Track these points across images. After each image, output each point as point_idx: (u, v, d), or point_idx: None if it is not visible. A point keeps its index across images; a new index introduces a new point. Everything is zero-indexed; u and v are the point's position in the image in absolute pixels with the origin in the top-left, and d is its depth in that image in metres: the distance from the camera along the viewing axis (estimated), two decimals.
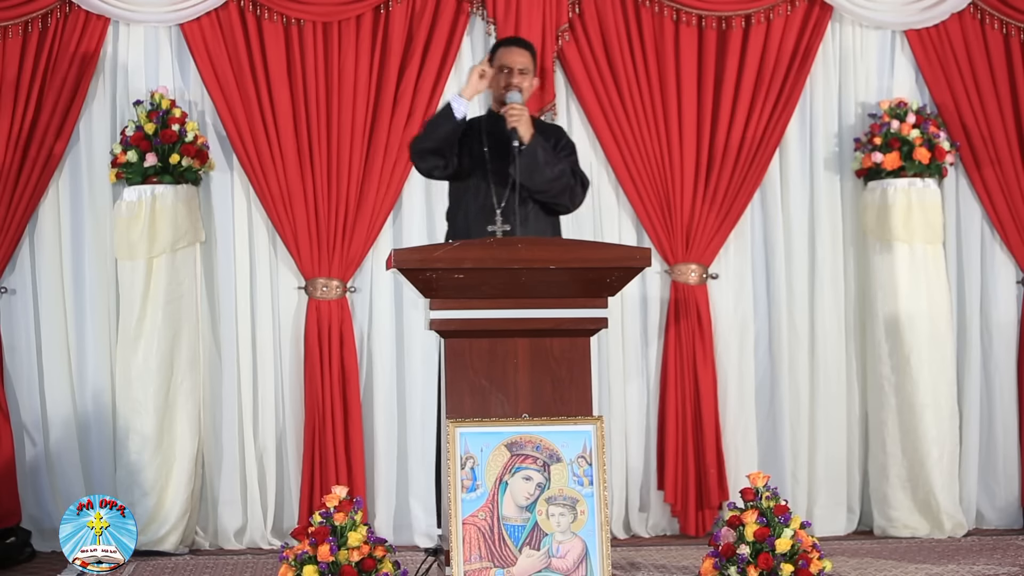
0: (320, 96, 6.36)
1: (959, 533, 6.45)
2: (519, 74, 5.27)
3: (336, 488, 4.63)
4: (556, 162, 5.18)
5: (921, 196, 6.48)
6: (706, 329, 6.49)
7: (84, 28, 6.27)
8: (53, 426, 6.30)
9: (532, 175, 5.09)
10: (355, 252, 6.37)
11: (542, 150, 5.12)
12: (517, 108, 5.07)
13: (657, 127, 6.52)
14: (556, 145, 5.30)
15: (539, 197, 5.21)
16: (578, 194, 5.30)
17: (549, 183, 5.16)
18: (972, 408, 6.70)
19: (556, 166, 5.17)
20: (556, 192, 5.21)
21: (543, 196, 5.21)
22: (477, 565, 4.40)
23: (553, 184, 5.17)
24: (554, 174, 5.16)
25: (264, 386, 6.39)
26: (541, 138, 5.15)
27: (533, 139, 5.08)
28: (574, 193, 5.28)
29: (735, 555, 4.67)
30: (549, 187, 5.17)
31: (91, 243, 6.34)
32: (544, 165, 5.11)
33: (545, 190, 5.18)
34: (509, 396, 4.54)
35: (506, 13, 6.42)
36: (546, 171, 5.13)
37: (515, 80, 5.24)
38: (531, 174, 5.09)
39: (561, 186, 5.20)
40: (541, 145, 5.12)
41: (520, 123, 5.04)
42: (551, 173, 5.15)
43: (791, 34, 6.62)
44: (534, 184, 5.12)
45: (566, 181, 5.21)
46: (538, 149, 5.09)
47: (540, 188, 5.16)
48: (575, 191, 5.27)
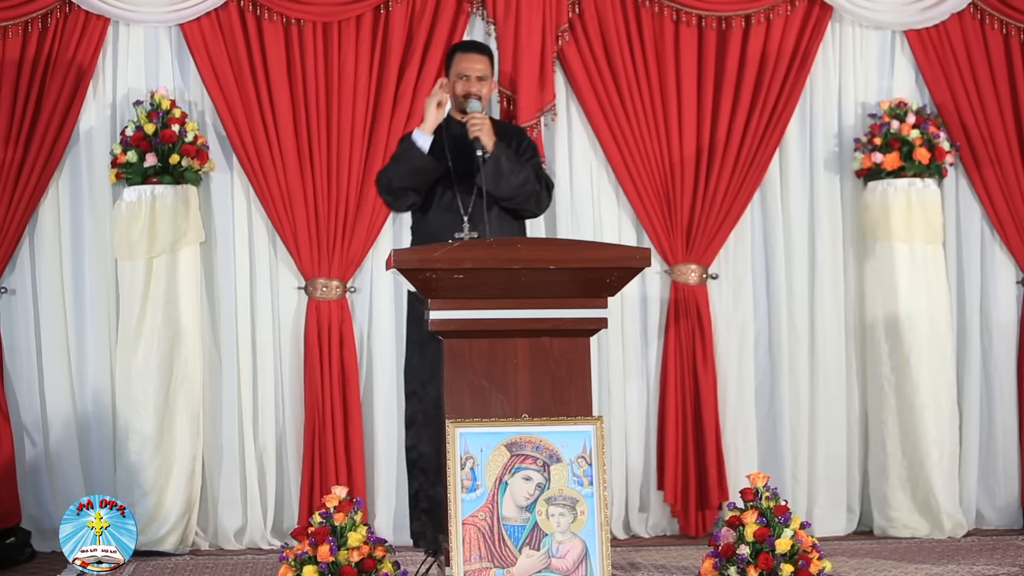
0: (320, 96, 6.36)
1: (959, 533, 6.45)
2: (478, 81, 5.28)
3: (336, 488, 4.63)
4: (520, 169, 5.20)
5: (921, 196, 6.48)
6: (706, 329, 6.49)
7: (84, 28, 6.27)
8: (53, 426, 6.30)
9: (497, 183, 5.11)
10: (355, 252, 6.37)
11: (506, 158, 5.13)
12: (478, 117, 5.08)
13: (657, 127, 6.52)
14: (518, 148, 5.31)
15: (505, 204, 5.23)
16: (543, 199, 5.32)
17: (515, 190, 5.17)
18: (972, 408, 6.70)
19: (521, 173, 5.18)
20: (522, 199, 5.23)
21: (509, 203, 5.23)
22: (477, 565, 4.41)
23: (519, 191, 5.19)
24: (519, 181, 5.17)
25: (264, 386, 6.39)
26: (504, 145, 5.17)
27: (496, 147, 5.10)
28: (539, 198, 5.30)
29: (735, 555, 4.67)
30: (515, 194, 5.18)
31: (91, 243, 6.34)
32: (509, 173, 5.13)
33: (511, 197, 5.19)
34: (509, 396, 4.55)
35: (506, 13, 6.42)
36: (511, 179, 5.14)
37: (474, 88, 5.26)
38: (496, 182, 5.10)
39: (527, 192, 5.22)
40: (504, 153, 5.14)
41: (482, 132, 5.05)
42: (516, 180, 5.16)
43: (791, 34, 6.62)
44: (500, 192, 5.14)
45: (531, 187, 5.23)
46: (502, 157, 5.11)
47: (506, 196, 5.17)
48: (540, 196, 5.29)
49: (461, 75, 5.31)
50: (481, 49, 5.45)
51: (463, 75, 5.31)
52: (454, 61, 5.37)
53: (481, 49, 5.45)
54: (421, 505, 5.22)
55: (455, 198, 5.22)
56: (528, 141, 5.45)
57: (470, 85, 5.28)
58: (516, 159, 5.23)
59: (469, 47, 5.47)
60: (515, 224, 5.35)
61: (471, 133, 5.06)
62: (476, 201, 5.14)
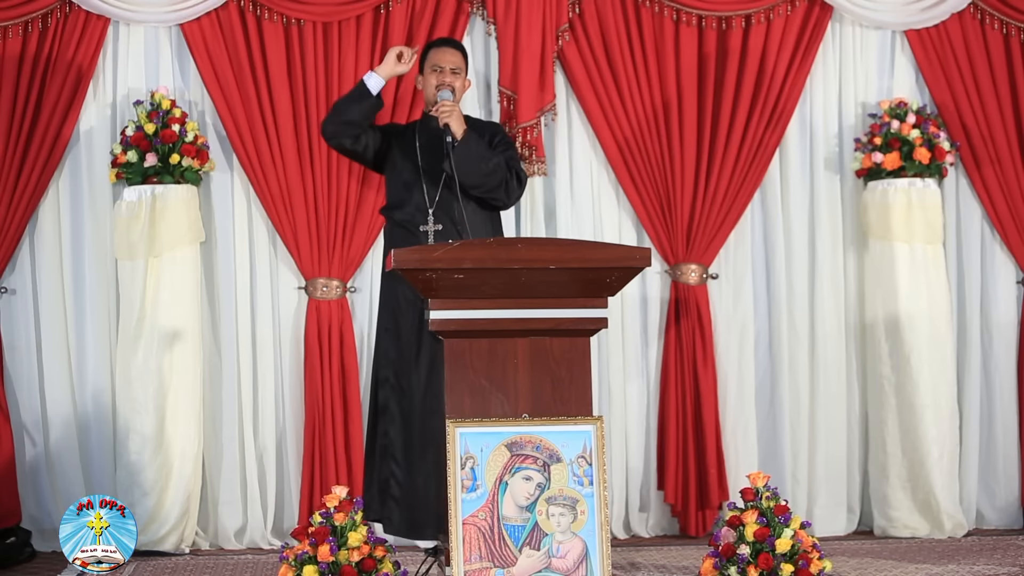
0: (320, 96, 6.36)
1: (959, 533, 6.45)
2: (451, 73, 5.29)
3: (336, 488, 4.63)
4: (490, 156, 5.18)
5: (921, 196, 6.48)
6: (706, 329, 6.49)
7: (84, 28, 6.28)
8: (53, 426, 6.30)
9: (465, 170, 5.09)
10: (355, 252, 6.37)
11: (475, 145, 5.12)
12: (448, 104, 5.09)
13: (657, 127, 6.53)
14: (492, 140, 5.29)
15: (474, 192, 5.19)
16: (513, 188, 5.28)
17: (483, 177, 5.15)
18: (972, 408, 6.70)
19: (490, 160, 5.17)
20: (491, 187, 5.20)
21: (478, 191, 5.19)
22: (477, 565, 4.41)
23: (488, 179, 5.16)
24: (488, 168, 5.15)
25: (264, 386, 6.39)
26: (475, 134, 5.16)
27: (466, 134, 5.09)
28: (509, 187, 5.25)
29: (735, 555, 4.67)
30: (483, 181, 5.16)
31: (91, 243, 6.34)
32: (477, 159, 5.11)
33: (479, 184, 5.17)
34: (509, 396, 4.54)
35: (506, 13, 6.43)
36: (480, 165, 5.12)
37: (447, 79, 5.26)
38: (464, 169, 5.09)
39: (496, 180, 5.19)
40: (474, 140, 5.13)
41: (451, 118, 5.06)
42: (485, 168, 5.14)
43: (791, 34, 6.62)
44: (468, 179, 5.12)
45: (501, 175, 5.20)
46: (471, 144, 5.10)
47: (474, 183, 5.15)
48: (510, 185, 5.25)
49: (435, 67, 5.31)
50: (455, 44, 5.46)
51: (436, 67, 5.31)
52: (428, 56, 5.37)
53: (455, 44, 5.46)
54: (392, 492, 5.16)
55: (422, 191, 5.22)
56: (503, 135, 5.42)
57: (444, 76, 5.28)
58: (486, 147, 5.21)
59: (443, 42, 5.48)
60: (486, 216, 5.30)
61: (440, 120, 5.07)
62: (443, 193, 5.14)
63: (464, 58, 5.39)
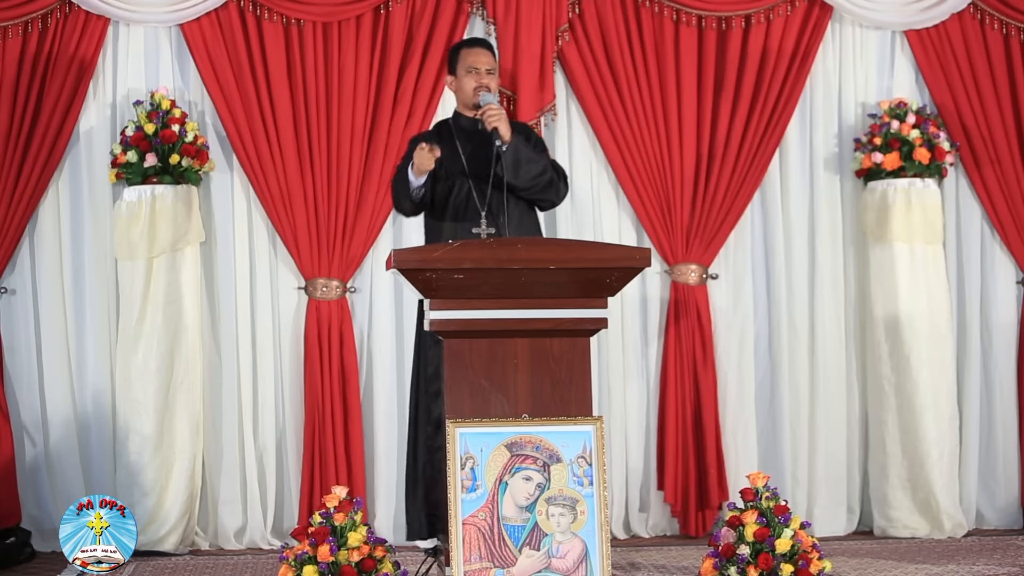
0: (320, 96, 6.36)
1: (959, 533, 6.45)
2: (487, 74, 5.30)
3: (336, 488, 4.63)
4: (538, 159, 5.21)
5: (921, 196, 6.48)
6: (706, 329, 6.49)
7: (84, 28, 6.27)
8: (53, 426, 6.30)
9: (517, 173, 5.11)
10: (355, 252, 6.37)
11: (523, 148, 5.14)
12: (495, 108, 5.09)
13: (657, 127, 6.53)
14: (529, 141, 5.31)
15: (524, 195, 5.21)
16: (561, 189, 5.33)
17: (533, 180, 5.17)
18: (972, 408, 6.70)
19: (538, 163, 5.20)
20: (540, 188, 5.22)
21: (528, 193, 5.21)
22: (477, 565, 4.41)
23: (537, 180, 5.19)
24: (537, 170, 5.18)
25: (264, 386, 6.39)
26: (521, 136, 5.17)
27: (514, 138, 5.10)
28: (557, 188, 5.30)
29: (735, 555, 4.67)
30: (534, 183, 5.19)
31: (91, 243, 6.34)
32: (527, 163, 5.13)
33: (530, 187, 5.19)
34: (509, 396, 4.55)
35: (506, 13, 6.42)
36: (530, 168, 5.14)
37: (485, 80, 5.27)
38: (516, 172, 5.10)
39: (545, 182, 5.22)
40: (522, 143, 5.14)
41: (500, 122, 5.06)
42: (535, 170, 5.17)
43: (791, 34, 6.62)
44: (519, 182, 5.13)
45: (549, 176, 5.24)
46: (520, 147, 5.11)
47: (525, 186, 5.17)
48: (558, 186, 5.30)
49: (470, 69, 5.30)
50: (486, 44, 5.46)
51: (472, 68, 5.30)
52: (460, 57, 5.36)
53: (486, 44, 5.46)
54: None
55: (471, 192, 5.21)
56: (536, 136, 5.46)
57: (481, 78, 5.28)
58: (532, 149, 5.23)
59: (474, 43, 5.47)
60: (533, 217, 5.34)
61: (489, 124, 5.05)
62: (493, 196, 5.14)
63: (495, 57, 5.40)
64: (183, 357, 6.14)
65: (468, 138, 5.26)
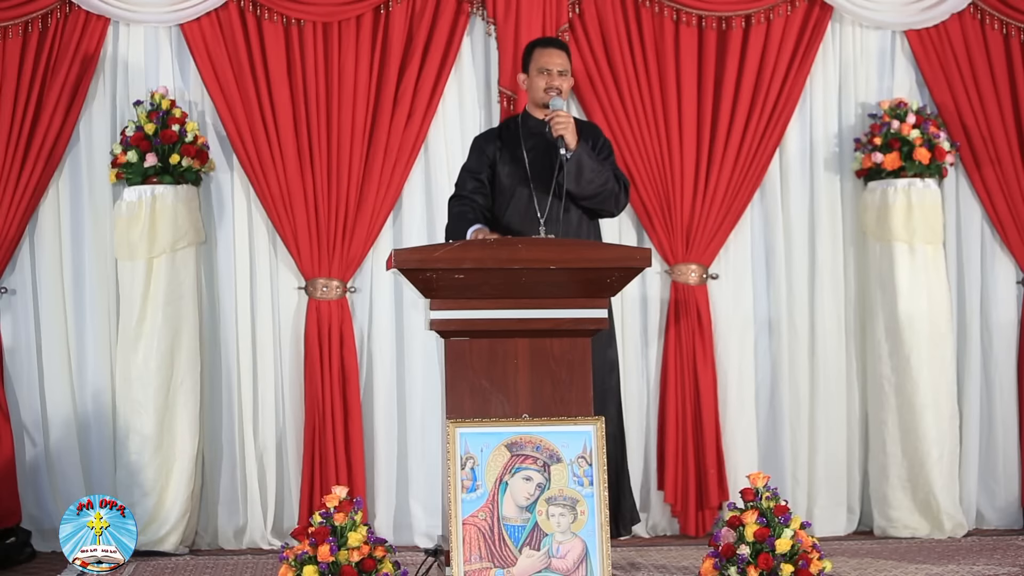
0: (320, 96, 6.36)
1: (959, 533, 6.45)
2: (559, 76, 5.25)
3: (336, 488, 4.63)
4: (601, 169, 5.15)
5: (921, 196, 6.48)
6: (706, 329, 6.49)
7: (84, 28, 6.27)
8: (53, 426, 6.30)
9: (579, 183, 5.06)
10: (355, 252, 6.37)
11: (588, 157, 5.08)
12: (563, 115, 5.02)
13: (657, 127, 6.53)
14: (595, 146, 5.27)
15: (585, 204, 5.18)
16: (622, 199, 5.28)
17: (596, 189, 5.13)
18: (972, 408, 6.70)
19: (602, 173, 5.14)
20: (602, 198, 5.19)
21: (589, 203, 5.18)
22: (477, 565, 4.41)
23: (600, 190, 5.15)
24: (601, 181, 5.13)
25: (264, 386, 6.39)
26: (585, 144, 5.11)
27: (579, 146, 5.04)
28: (619, 199, 5.26)
29: (735, 555, 4.67)
30: (596, 193, 5.14)
31: (91, 243, 6.34)
32: (591, 173, 5.08)
33: (591, 196, 5.15)
34: (509, 396, 4.55)
35: (506, 13, 6.42)
36: (593, 179, 5.09)
37: (556, 82, 5.22)
38: (578, 182, 5.06)
39: (607, 193, 5.18)
40: (587, 152, 5.08)
41: (567, 131, 4.99)
42: (598, 180, 5.11)
43: (791, 34, 6.62)
44: (581, 192, 5.10)
45: (611, 187, 5.18)
46: (584, 157, 5.05)
47: (587, 195, 5.13)
48: (619, 197, 5.26)
49: (543, 69, 5.26)
50: (561, 45, 5.42)
51: (544, 69, 5.26)
52: (533, 56, 5.32)
53: (561, 45, 5.42)
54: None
55: (532, 198, 5.19)
56: (604, 139, 5.40)
57: (552, 79, 5.23)
58: (596, 159, 5.18)
59: (549, 43, 5.42)
60: (592, 226, 5.31)
61: (555, 131, 5.00)
62: (553, 203, 5.11)
63: (569, 58, 5.36)
64: (183, 357, 6.14)
65: (534, 140, 5.21)
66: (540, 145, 5.17)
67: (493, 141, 5.35)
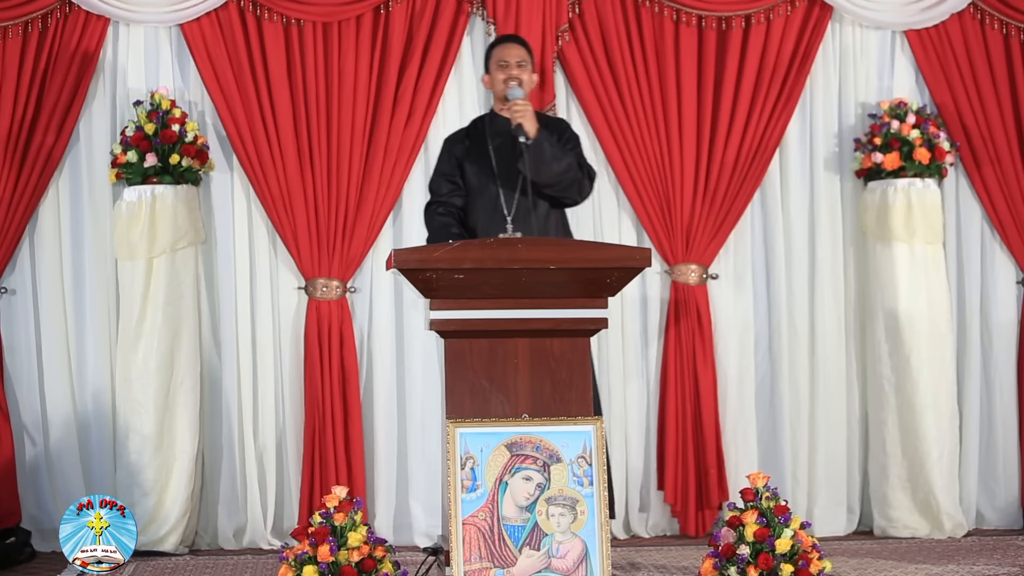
0: (320, 96, 6.36)
1: (959, 533, 6.45)
2: (517, 67, 5.28)
3: (336, 488, 4.63)
4: (563, 156, 5.18)
5: (921, 196, 6.48)
6: (706, 329, 6.49)
7: (84, 28, 6.27)
8: (53, 426, 6.30)
9: (540, 170, 5.09)
10: (355, 252, 6.37)
11: (548, 144, 5.11)
12: (521, 103, 5.07)
13: (657, 127, 6.53)
14: (560, 138, 5.29)
15: (548, 191, 5.21)
16: (586, 186, 5.31)
17: (557, 177, 5.16)
18: (972, 408, 6.70)
19: (563, 160, 5.17)
20: (565, 186, 5.21)
21: (551, 190, 5.21)
22: (477, 565, 4.41)
23: (562, 178, 5.17)
24: (562, 168, 5.16)
25: (264, 386, 6.39)
26: (547, 132, 5.15)
27: (539, 133, 5.07)
28: (582, 186, 5.28)
29: (735, 555, 4.67)
30: (558, 181, 5.17)
31: (91, 243, 6.34)
32: (551, 159, 5.11)
33: (553, 183, 5.17)
34: (509, 396, 4.55)
35: (506, 13, 6.42)
36: (553, 166, 5.12)
37: (514, 72, 5.25)
38: (539, 169, 5.08)
39: (570, 179, 5.20)
40: (547, 139, 5.11)
41: (525, 118, 5.03)
42: (559, 167, 5.14)
43: (791, 34, 6.62)
44: (542, 179, 5.12)
45: (574, 174, 5.21)
46: (544, 143, 5.08)
47: (548, 183, 5.15)
48: (583, 184, 5.28)
49: (500, 63, 5.29)
50: (516, 38, 5.47)
51: (502, 62, 5.29)
52: (492, 55, 5.37)
53: (516, 38, 5.47)
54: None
55: (499, 197, 5.20)
56: (570, 132, 5.42)
57: (510, 70, 5.26)
58: (559, 146, 5.20)
59: (504, 39, 5.48)
60: (560, 219, 5.31)
61: (514, 120, 5.04)
62: (520, 199, 5.12)
63: (528, 51, 5.38)
64: (183, 357, 6.14)
65: (500, 138, 5.23)
66: (507, 143, 5.19)
67: (461, 141, 5.38)
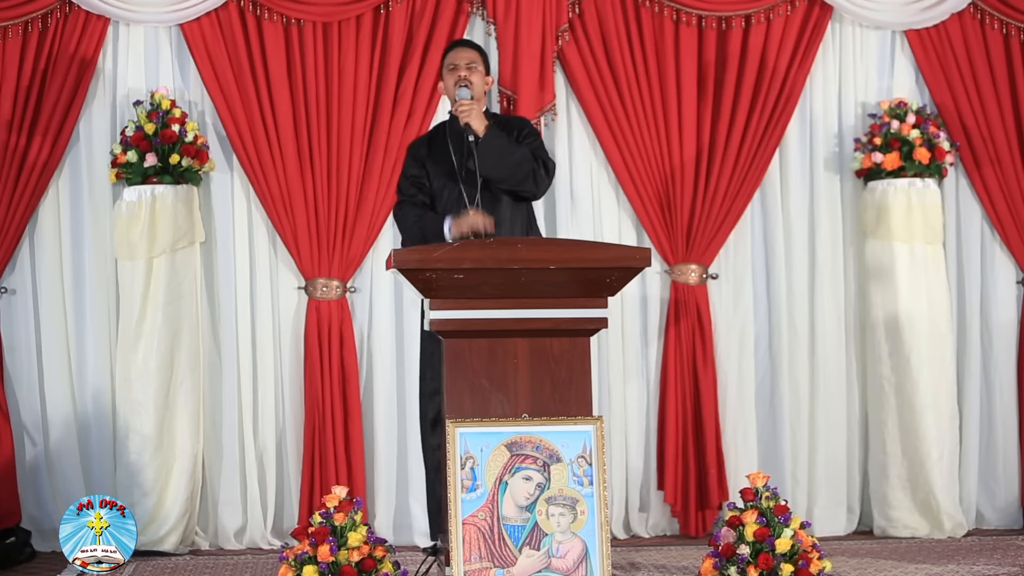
0: (320, 96, 6.36)
1: (959, 533, 6.45)
2: (466, 68, 5.28)
3: (336, 488, 4.63)
4: (515, 149, 5.18)
5: (921, 196, 6.48)
6: (706, 329, 6.49)
7: (84, 28, 6.28)
8: (53, 426, 6.30)
9: (491, 166, 5.09)
10: (355, 252, 6.37)
11: (497, 139, 5.11)
12: (466, 103, 5.09)
13: (657, 127, 6.53)
14: (519, 136, 5.29)
15: (504, 186, 5.19)
16: (542, 178, 5.26)
17: (510, 170, 5.15)
18: (972, 408, 6.70)
19: (515, 153, 5.16)
20: (520, 179, 5.19)
21: (507, 184, 5.19)
22: (477, 565, 4.41)
23: (515, 171, 5.16)
24: (514, 160, 5.15)
25: (264, 386, 6.39)
26: (497, 129, 5.16)
27: (488, 130, 5.08)
28: (537, 177, 5.23)
29: (735, 555, 4.67)
30: (511, 174, 5.16)
31: (91, 243, 6.34)
32: (501, 153, 5.11)
33: (506, 177, 5.16)
34: (509, 396, 4.54)
35: (506, 13, 6.43)
36: (505, 159, 5.12)
37: (463, 74, 5.26)
38: (489, 165, 5.09)
39: (524, 172, 5.18)
40: (496, 136, 5.12)
41: (471, 117, 5.06)
42: (510, 160, 5.14)
43: (791, 34, 6.62)
44: (495, 174, 5.12)
45: (528, 166, 5.19)
46: (493, 139, 5.10)
47: (502, 177, 5.14)
48: (538, 175, 5.23)
49: (450, 66, 5.32)
50: (467, 43, 5.48)
51: (451, 65, 5.31)
52: (443, 62, 5.38)
53: (467, 43, 5.48)
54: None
55: (461, 195, 5.21)
56: (530, 128, 5.40)
57: (459, 71, 5.28)
58: (510, 140, 5.21)
59: (455, 44, 5.49)
60: (520, 211, 5.31)
61: (461, 120, 5.07)
62: (483, 195, 5.13)
63: (480, 53, 5.38)
64: (183, 357, 6.15)
65: (456, 138, 5.26)
66: (462, 142, 5.20)
67: (424, 146, 5.41)
